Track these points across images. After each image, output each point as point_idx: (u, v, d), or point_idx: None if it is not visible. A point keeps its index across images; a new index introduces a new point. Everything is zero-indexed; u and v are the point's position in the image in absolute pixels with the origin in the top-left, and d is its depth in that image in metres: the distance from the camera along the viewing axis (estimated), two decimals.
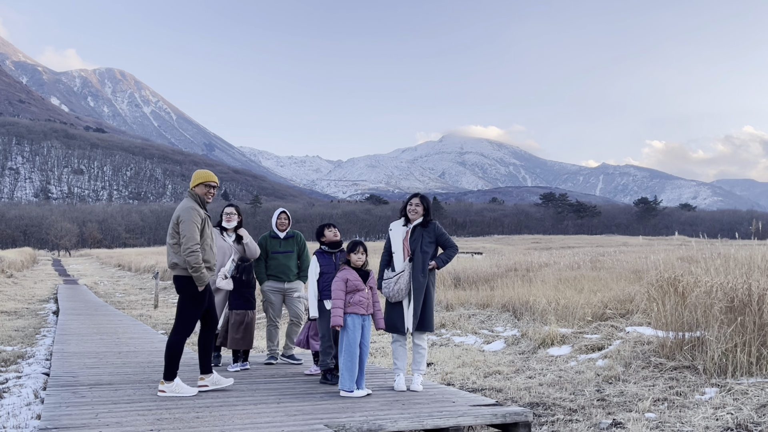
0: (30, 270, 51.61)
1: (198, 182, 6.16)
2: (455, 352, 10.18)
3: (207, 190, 6.18)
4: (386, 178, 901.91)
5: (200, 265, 5.90)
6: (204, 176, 6.19)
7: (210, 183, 6.18)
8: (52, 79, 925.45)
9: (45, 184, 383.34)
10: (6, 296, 24.02)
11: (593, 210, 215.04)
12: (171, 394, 5.90)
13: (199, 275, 5.92)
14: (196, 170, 6.37)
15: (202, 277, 5.93)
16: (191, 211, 5.99)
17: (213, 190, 6.21)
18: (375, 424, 4.98)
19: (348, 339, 6.10)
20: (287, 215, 8.05)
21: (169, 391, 5.91)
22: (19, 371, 8.70)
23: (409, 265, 6.37)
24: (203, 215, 6.08)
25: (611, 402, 6.52)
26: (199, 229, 5.98)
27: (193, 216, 5.97)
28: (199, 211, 6.04)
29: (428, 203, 6.54)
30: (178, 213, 6.03)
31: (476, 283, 17.53)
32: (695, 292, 7.68)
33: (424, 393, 6.24)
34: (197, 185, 6.16)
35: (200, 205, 6.11)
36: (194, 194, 6.13)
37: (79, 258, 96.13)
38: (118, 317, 15.78)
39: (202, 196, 6.16)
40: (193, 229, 5.93)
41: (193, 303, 6.03)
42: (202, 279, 5.94)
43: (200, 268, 5.90)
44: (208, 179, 6.18)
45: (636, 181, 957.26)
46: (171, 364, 5.96)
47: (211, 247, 6.12)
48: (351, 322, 6.14)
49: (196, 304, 6.05)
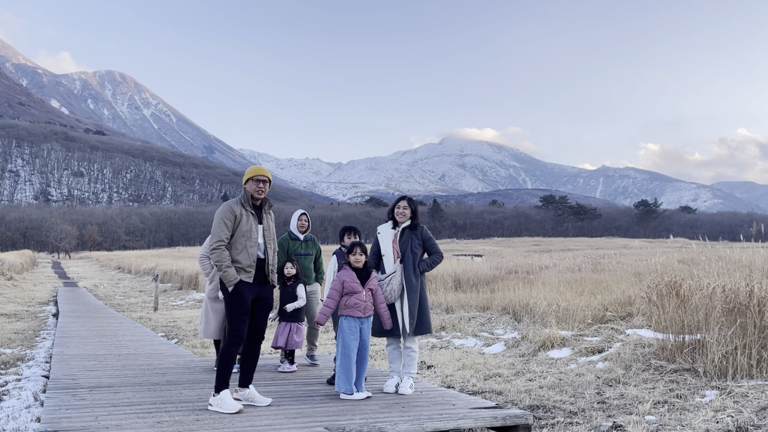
0: (30, 272, 51.58)
1: (248, 177, 5.80)
2: (455, 354, 10.17)
3: (257, 186, 5.75)
4: (386, 180, 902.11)
5: (223, 262, 5.54)
6: (252, 171, 5.82)
7: (259, 177, 5.75)
8: (52, 81, 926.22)
9: (45, 186, 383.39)
10: (6, 299, 24.01)
11: (593, 212, 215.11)
12: (216, 409, 5.45)
13: (224, 273, 5.54)
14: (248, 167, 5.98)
15: (226, 275, 5.54)
16: (224, 207, 5.69)
17: (263, 185, 5.76)
18: (375, 427, 4.97)
19: (344, 341, 6.10)
20: (307, 217, 7.99)
21: (215, 405, 5.47)
22: (19, 374, 8.69)
23: (401, 266, 6.40)
24: (239, 212, 5.66)
25: (611, 404, 6.51)
26: (229, 227, 5.62)
27: (224, 213, 5.64)
28: (234, 208, 5.66)
29: (415, 206, 6.59)
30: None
31: (476, 285, 17.53)
32: (696, 294, 7.68)
33: (424, 395, 6.23)
34: (247, 181, 5.79)
35: (246, 202, 5.72)
36: (244, 191, 5.81)
37: (79, 260, 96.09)
38: (118, 320, 15.77)
39: (252, 192, 5.76)
40: (220, 227, 5.61)
41: (232, 306, 5.59)
42: (228, 278, 5.54)
43: (223, 265, 5.54)
44: (256, 174, 5.78)
45: (636, 184, 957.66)
46: (219, 374, 5.55)
47: (246, 247, 5.65)
48: (347, 324, 6.13)
49: (236, 306, 5.58)
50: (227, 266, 5.54)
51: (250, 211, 5.72)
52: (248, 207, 5.72)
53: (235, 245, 5.64)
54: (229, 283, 5.54)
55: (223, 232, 5.60)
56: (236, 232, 5.65)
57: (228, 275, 5.53)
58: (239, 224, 5.65)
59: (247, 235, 5.65)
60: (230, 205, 5.70)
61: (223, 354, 5.57)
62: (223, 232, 5.60)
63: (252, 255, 5.67)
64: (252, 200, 5.77)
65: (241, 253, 5.63)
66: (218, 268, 5.57)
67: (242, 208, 5.70)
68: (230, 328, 5.58)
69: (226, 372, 5.54)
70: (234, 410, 5.37)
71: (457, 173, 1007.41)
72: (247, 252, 5.64)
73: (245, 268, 5.63)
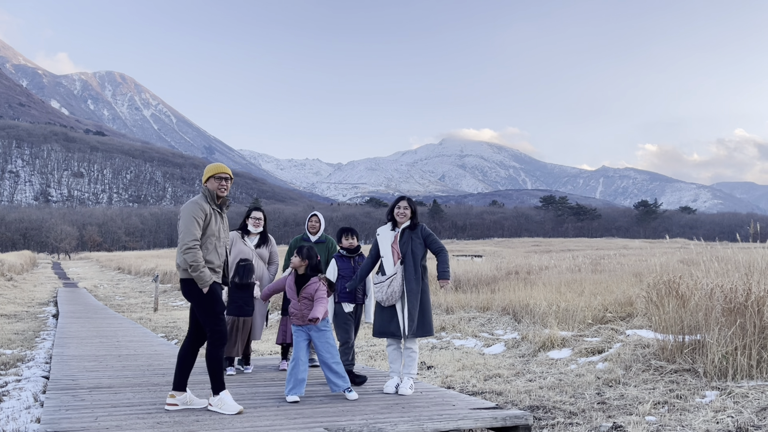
0: (30, 273, 51.59)
1: (208, 175, 5.64)
2: (455, 355, 10.17)
3: (219, 183, 5.61)
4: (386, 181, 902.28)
5: (199, 263, 5.34)
6: (214, 168, 5.66)
7: (221, 174, 5.61)
8: (52, 82, 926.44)
9: (45, 187, 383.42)
10: (6, 299, 24.01)
11: (593, 213, 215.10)
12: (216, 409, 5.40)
13: (199, 274, 5.34)
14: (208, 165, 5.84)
15: (202, 276, 5.35)
16: (192, 205, 5.49)
17: (226, 182, 5.63)
18: (375, 428, 4.97)
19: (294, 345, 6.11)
20: (318, 218, 7.93)
21: (215, 406, 5.42)
22: (19, 374, 8.69)
23: (401, 267, 6.37)
24: (208, 210, 5.51)
25: (611, 405, 6.51)
26: (200, 225, 5.42)
27: (194, 210, 5.44)
28: (203, 206, 5.49)
29: (415, 206, 6.57)
30: (181, 209, 5.60)
31: (476, 286, 17.52)
32: (696, 294, 7.68)
33: (424, 396, 6.23)
34: (208, 179, 5.63)
35: (211, 201, 5.58)
36: (206, 189, 5.64)
37: (79, 261, 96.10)
38: (118, 320, 15.77)
39: (214, 190, 5.60)
40: (192, 225, 5.39)
41: (210, 307, 5.45)
42: (203, 278, 5.36)
43: (199, 266, 5.34)
44: (218, 171, 5.62)
45: (636, 184, 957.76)
46: (214, 376, 5.47)
47: (216, 246, 5.53)
48: (293, 329, 6.14)
49: (214, 306, 5.45)
50: (204, 267, 5.38)
51: (216, 210, 5.60)
52: (214, 206, 5.60)
53: (206, 245, 5.47)
54: (205, 284, 5.38)
55: (197, 231, 5.40)
56: (206, 231, 5.48)
57: (204, 276, 5.36)
58: (209, 224, 5.50)
59: (216, 235, 5.54)
60: (199, 203, 5.51)
61: (210, 357, 5.46)
62: (197, 230, 5.40)
63: (221, 255, 5.58)
64: (216, 198, 5.63)
65: (211, 253, 5.49)
66: (194, 269, 5.34)
67: (209, 206, 5.56)
68: (211, 330, 5.46)
69: (219, 372, 5.49)
70: (235, 411, 5.35)
71: (457, 174, 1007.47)
72: (217, 252, 5.54)
73: (215, 269, 5.52)
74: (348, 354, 6.79)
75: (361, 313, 6.97)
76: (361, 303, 6.92)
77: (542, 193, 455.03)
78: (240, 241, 7.59)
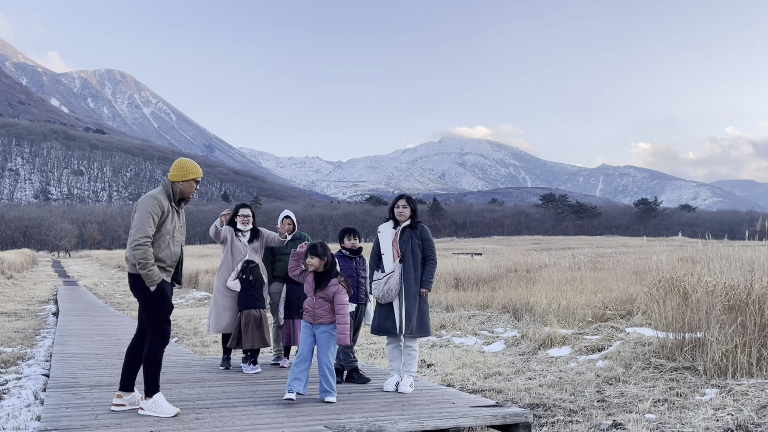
0: (30, 271, 51.60)
1: (188, 177, 5.37)
2: (455, 353, 10.17)
3: (193, 187, 5.42)
4: (386, 179, 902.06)
5: (147, 261, 5.11)
6: (195, 171, 5.40)
7: (199, 179, 5.44)
8: (52, 80, 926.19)
9: (45, 185, 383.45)
10: (6, 297, 24.01)
11: (593, 211, 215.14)
12: (149, 413, 5.18)
13: (147, 272, 5.11)
14: (180, 159, 5.51)
15: (150, 275, 5.12)
16: (150, 200, 5.22)
17: (197, 186, 5.44)
18: (375, 425, 4.97)
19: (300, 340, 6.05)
20: (291, 219, 8.01)
21: (148, 409, 5.19)
22: (19, 373, 8.69)
23: (400, 266, 6.37)
24: (167, 207, 5.27)
25: (611, 403, 6.51)
26: (155, 222, 5.19)
27: (151, 205, 5.18)
28: (162, 202, 5.24)
29: (415, 204, 6.57)
30: (137, 202, 5.32)
31: (476, 284, 17.53)
32: (697, 292, 7.67)
33: (424, 394, 6.24)
34: (183, 179, 5.36)
35: (173, 198, 5.35)
36: (171, 186, 5.35)
37: (79, 259, 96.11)
38: (118, 318, 15.77)
39: (186, 192, 5.40)
40: (146, 221, 5.14)
41: (157, 306, 5.26)
42: (151, 277, 5.13)
43: (148, 264, 5.10)
44: (198, 175, 5.41)
45: (636, 182, 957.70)
46: (150, 377, 5.27)
47: (169, 245, 5.30)
48: (303, 325, 6.04)
49: (161, 306, 5.27)
50: (153, 265, 5.15)
51: (175, 207, 5.40)
52: (173, 203, 5.38)
53: (159, 242, 5.25)
54: (153, 282, 5.17)
55: (151, 228, 5.17)
56: (161, 229, 5.26)
57: (153, 275, 5.15)
58: (164, 221, 5.28)
59: (171, 233, 5.32)
60: (158, 198, 5.26)
61: (149, 357, 5.28)
62: (150, 227, 5.17)
63: (175, 254, 5.38)
64: (180, 198, 5.43)
65: (164, 251, 5.28)
66: (142, 267, 5.11)
67: (169, 203, 5.33)
68: (154, 329, 5.27)
69: (156, 374, 5.30)
70: (171, 414, 5.16)
71: (456, 172, 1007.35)
72: (170, 250, 5.33)
73: (167, 268, 5.33)
74: (349, 354, 6.80)
75: (362, 313, 6.97)
76: (363, 303, 6.92)
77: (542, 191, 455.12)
78: (235, 239, 7.64)
